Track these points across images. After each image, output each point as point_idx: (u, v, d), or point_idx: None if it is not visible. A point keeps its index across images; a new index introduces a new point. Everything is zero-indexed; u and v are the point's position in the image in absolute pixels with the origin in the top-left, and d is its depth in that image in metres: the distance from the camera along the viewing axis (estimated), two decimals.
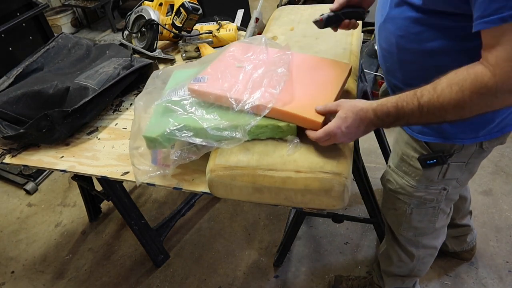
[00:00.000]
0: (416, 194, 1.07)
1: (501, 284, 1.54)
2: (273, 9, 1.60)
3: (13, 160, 1.19)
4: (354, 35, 1.26)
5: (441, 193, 1.06)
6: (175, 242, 1.88)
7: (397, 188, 1.10)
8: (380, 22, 0.92)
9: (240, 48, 1.06)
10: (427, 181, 1.04)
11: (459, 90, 0.68)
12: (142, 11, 1.50)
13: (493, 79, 0.65)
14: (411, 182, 1.06)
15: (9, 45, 2.19)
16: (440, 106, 0.70)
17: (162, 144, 0.92)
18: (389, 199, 1.17)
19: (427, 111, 0.72)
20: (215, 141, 0.88)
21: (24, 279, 1.83)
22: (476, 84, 0.67)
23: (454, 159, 0.97)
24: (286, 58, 1.00)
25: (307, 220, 1.87)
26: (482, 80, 0.66)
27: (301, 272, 1.68)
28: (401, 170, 1.08)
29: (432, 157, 0.97)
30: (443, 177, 1.01)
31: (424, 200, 1.08)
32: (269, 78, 0.94)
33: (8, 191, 2.34)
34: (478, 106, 0.69)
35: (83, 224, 2.05)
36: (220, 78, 0.96)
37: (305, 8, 1.48)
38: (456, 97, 0.69)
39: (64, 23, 3.91)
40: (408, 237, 1.20)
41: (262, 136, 0.90)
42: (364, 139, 2.19)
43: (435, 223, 1.15)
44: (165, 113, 0.95)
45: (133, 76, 1.32)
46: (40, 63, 1.37)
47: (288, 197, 0.85)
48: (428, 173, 1.01)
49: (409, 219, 1.14)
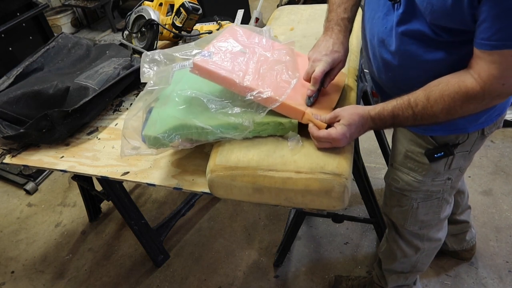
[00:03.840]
0: (423, 188, 1.08)
1: (501, 284, 1.54)
2: (273, 9, 1.60)
3: (13, 160, 1.19)
4: (354, 35, 1.26)
5: (446, 183, 1.08)
6: (175, 242, 1.88)
7: (403, 185, 1.11)
8: (380, 37, 0.90)
9: (243, 32, 1.03)
10: (434, 174, 1.05)
11: (451, 101, 0.77)
12: (142, 11, 1.50)
13: (482, 92, 0.75)
14: (418, 177, 1.07)
15: (9, 45, 2.20)
16: (433, 114, 0.80)
17: (160, 140, 0.90)
18: (393, 197, 1.18)
19: (421, 118, 0.82)
20: (220, 129, 0.87)
21: (24, 279, 1.83)
22: (467, 96, 0.76)
23: (459, 148, 0.99)
24: (291, 53, 1.00)
25: (307, 220, 1.87)
26: (472, 92, 0.75)
27: (301, 272, 1.68)
28: (406, 167, 1.09)
29: (439, 150, 0.99)
30: (449, 168, 1.04)
31: (430, 193, 1.10)
32: (279, 73, 0.94)
33: (8, 191, 2.34)
34: (466, 112, 0.79)
35: (83, 224, 2.05)
36: (226, 60, 0.93)
37: (305, 8, 1.48)
38: (448, 106, 0.78)
39: (64, 23, 3.91)
40: (414, 230, 1.21)
41: (263, 134, 0.90)
42: (364, 139, 2.19)
43: (440, 213, 1.16)
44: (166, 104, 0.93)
45: (133, 76, 1.32)
46: (40, 63, 1.37)
47: (288, 197, 0.85)
48: (435, 166, 1.03)
49: (416, 213, 1.15)
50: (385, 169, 1.97)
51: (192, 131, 0.89)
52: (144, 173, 1.06)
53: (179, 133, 0.90)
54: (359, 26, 1.33)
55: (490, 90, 0.74)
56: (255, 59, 0.96)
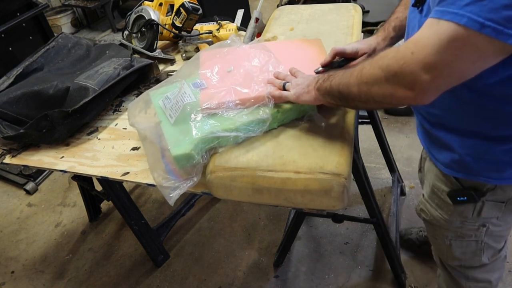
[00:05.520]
0: (452, 227, 0.99)
1: (501, 284, 1.54)
2: (273, 9, 1.60)
3: (13, 160, 1.19)
4: (354, 35, 1.26)
5: (479, 229, 0.96)
6: (175, 242, 1.88)
7: (432, 219, 1.03)
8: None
9: (215, 54, 1.08)
10: (461, 217, 0.95)
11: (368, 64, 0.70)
12: (142, 11, 1.50)
13: (394, 55, 0.65)
14: (444, 216, 0.98)
15: (9, 45, 2.20)
16: (350, 74, 0.74)
17: (194, 157, 0.86)
18: (428, 227, 1.11)
19: (344, 83, 0.76)
20: (242, 132, 0.89)
21: (24, 279, 1.83)
22: (382, 57, 0.68)
23: (490, 197, 0.88)
24: (264, 48, 1.07)
25: (307, 220, 1.87)
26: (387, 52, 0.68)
27: (301, 272, 1.68)
28: (434, 202, 1.00)
29: (463, 194, 0.89)
30: (478, 215, 0.92)
31: (461, 234, 1.00)
32: (267, 72, 0.99)
33: (8, 191, 2.34)
34: (372, 79, 0.69)
35: (83, 224, 2.05)
36: (220, 86, 0.96)
37: (305, 8, 1.48)
38: (361, 67, 0.72)
39: (64, 23, 3.92)
40: (454, 266, 1.11)
41: (286, 121, 0.94)
42: (364, 139, 2.19)
43: (481, 256, 1.03)
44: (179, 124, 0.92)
45: (133, 76, 1.32)
46: (40, 63, 1.37)
47: (288, 198, 0.85)
48: (461, 209, 0.93)
49: (450, 250, 1.06)
50: (385, 169, 1.99)
51: (217, 141, 0.89)
52: (144, 174, 1.06)
53: (206, 145, 0.88)
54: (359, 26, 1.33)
55: (400, 56, 0.63)
56: (244, 72, 1.00)
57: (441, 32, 0.58)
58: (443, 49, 0.58)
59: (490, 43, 0.57)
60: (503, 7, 0.54)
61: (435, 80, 0.60)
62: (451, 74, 0.60)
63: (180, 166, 0.87)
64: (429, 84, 0.61)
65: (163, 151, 0.92)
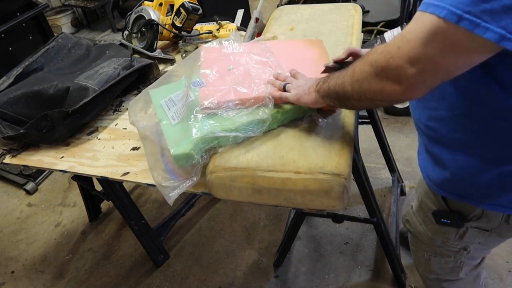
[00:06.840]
0: (433, 244, 1.00)
1: (501, 284, 1.54)
2: (273, 9, 1.59)
3: (13, 160, 1.19)
4: (354, 35, 1.26)
5: (460, 252, 0.97)
6: (175, 242, 1.88)
7: (415, 232, 1.04)
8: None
9: (216, 51, 1.07)
10: (443, 237, 0.96)
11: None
12: (142, 11, 1.50)
13: (382, 51, 0.65)
14: (428, 233, 0.99)
15: (9, 45, 2.20)
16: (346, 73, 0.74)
17: (193, 156, 0.86)
18: (410, 238, 1.12)
19: (341, 83, 0.76)
20: (241, 132, 0.88)
21: (24, 279, 1.83)
22: (372, 52, 0.68)
23: (474, 224, 0.88)
24: (265, 47, 1.07)
25: (307, 220, 1.87)
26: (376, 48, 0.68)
27: (301, 272, 1.68)
28: (420, 217, 1.01)
29: (447, 216, 0.89)
30: (461, 239, 0.93)
31: (440, 253, 1.01)
32: (267, 72, 0.99)
33: (8, 191, 2.34)
34: (365, 74, 0.68)
35: (83, 224, 2.05)
36: (222, 84, 0.96)
37: (305, 7, 1.48)
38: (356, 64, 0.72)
39: (64, 23, 3.91)
40: (431, 279, 1.12)
41: (286, 121, 0.93)
42: (364, 139, 2.19)
43: (458, 273, 1.04)
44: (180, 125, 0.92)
45: (133, 76, 1.32)
46: (40, 63, 1.37)
47: (288, 198, 0.85)
48: (444, 229, 0.94)
49: (428, 264, 1.07)
50: (385, 169, 1.99)
51: (217, 141, 0.88)
52: (144, 174, 1.06)
53: (205, 145, 0.87)
54: (359, 26, 1.33)
55: (387, 51, 0.63)
56: (246, 71, 1.00)
57: (424, 25, 0.58)
58: (426, 42, 0.58)
59: (469, 37, 0.56)
60: (482, 0, 0.54)
61: (421, 74, 0.60)
62: (436, 68, 0.60)
63: (180, 166, 0.87)
64: (416, 78, 0.61)
65: (162, 150, 0.92)
